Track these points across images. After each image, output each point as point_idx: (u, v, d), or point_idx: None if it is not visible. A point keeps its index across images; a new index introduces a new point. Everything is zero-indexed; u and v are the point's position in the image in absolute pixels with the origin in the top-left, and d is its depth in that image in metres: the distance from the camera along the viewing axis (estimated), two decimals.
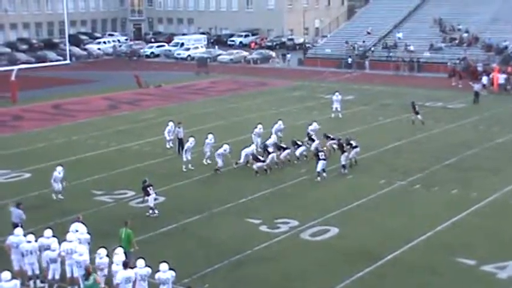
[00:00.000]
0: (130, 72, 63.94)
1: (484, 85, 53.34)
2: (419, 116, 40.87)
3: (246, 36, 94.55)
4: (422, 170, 31.10)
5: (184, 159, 31.71)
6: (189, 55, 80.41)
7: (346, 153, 30.99)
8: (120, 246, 19.47)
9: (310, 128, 35.74)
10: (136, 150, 35.92)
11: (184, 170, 31.50)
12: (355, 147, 31.88)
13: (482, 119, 43.09)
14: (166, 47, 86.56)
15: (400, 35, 73.24)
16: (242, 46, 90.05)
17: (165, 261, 17.64)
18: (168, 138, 35.82)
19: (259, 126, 35.42)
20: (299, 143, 33.09)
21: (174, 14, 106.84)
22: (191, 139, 32.28)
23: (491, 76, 55.32)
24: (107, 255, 18.73)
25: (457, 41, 69.46)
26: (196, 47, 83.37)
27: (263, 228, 24.08)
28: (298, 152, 32.67)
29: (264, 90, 57.21)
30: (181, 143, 34.29)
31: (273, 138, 34.08)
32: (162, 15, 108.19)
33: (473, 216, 25.22)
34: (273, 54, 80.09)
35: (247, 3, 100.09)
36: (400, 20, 77.55)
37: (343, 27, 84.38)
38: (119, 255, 18.61)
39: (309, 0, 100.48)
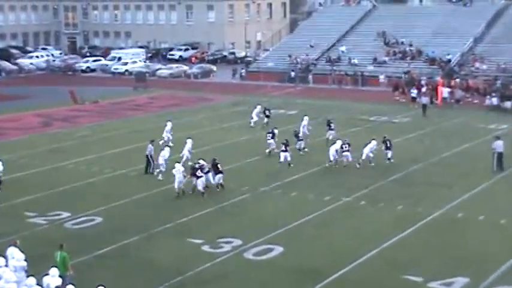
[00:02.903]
0: (65, 88, 63.06)
1: (414, 98, 54.75)
2: (266, 120, 45.30)
3: (186, 50, 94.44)
4: (368, 186, 31.49)
5: (160, 178, 31.93)
6: (126, 70, 79.81)
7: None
8: (55, 266, 19.01)
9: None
10: (72, 170, 35.39)
11: (161, 178, 31.99)
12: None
13: (427, 133, 43.97)
14: (103, 61, 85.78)
15: (343, 48, 74.33)
16: (182, 60, 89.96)
17: (101, 285, 17.33)
18: (169, 137, 39.02)
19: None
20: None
21: (111, 27, 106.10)
22: (167, 148, 33.76)
23: (424, 90, 56.47)
24: (38, 284, 18.21)
25: (400, 55, 70.91)
26: (135, 61, 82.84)
27: (205, 248, 23.97)
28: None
29: (205, 105, 57.20)
30: (150, 160, 33.86)
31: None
32: (98, 29, 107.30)
33: (420, 232, 25.62)
34: (214, 68, 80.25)
35: (187, 16, 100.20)
36: (343, 33, 78.75)
37: (285, 40, 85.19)
38: (54, 277, 18.18)
39: (250, 13, 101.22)
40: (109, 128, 46.76)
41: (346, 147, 35.47)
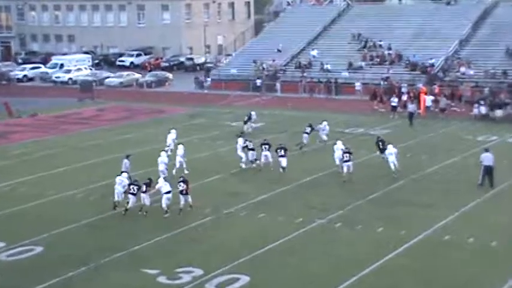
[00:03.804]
0: None
1: (394, 107, 55.37)
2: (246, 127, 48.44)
3: (137, 55, 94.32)
4: (344, 206, 31.63)
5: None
6: (70, 78, 79.48)
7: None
8: None
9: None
10: (8, 192, 35.00)
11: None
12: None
13: (410, 147, 44.30)
14: (43, 68, 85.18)
15: (314, 52, 74.81)
16: (133, 67, 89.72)
17: None
18: (172, 146, 40.59)
19: (324, 123, 44.34)
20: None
21: (52, 30, 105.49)
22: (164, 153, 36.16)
23: (405, 98, 57.15)
24: None
25: (378, 59, 71.54)
26: (79, 69, 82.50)
27: (161, 279, 23.81)
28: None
29: (160, 118, 57.08)
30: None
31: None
32: (37, 32, 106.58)
33: (402, 257, 25.74)
34: (170, 76, 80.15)
35: (138, 18, 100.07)
36: (314, 35, 79.29)
37: (250, 44, 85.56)
38: None
39: (210, 14, 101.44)
40: (50, 144, 46.35)
41: (347, 157, 35.89)
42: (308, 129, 43.49)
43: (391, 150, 36.96)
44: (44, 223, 29.71)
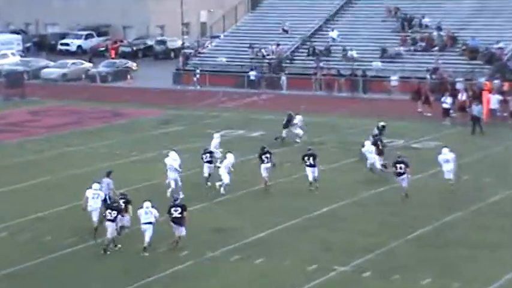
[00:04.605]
0: None
1: (447, 110, 55.20)
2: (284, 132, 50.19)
3: (88, 37, 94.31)
4: (375, 248, 31.49)
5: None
6: None
7: None
8: None
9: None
10: None
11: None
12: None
13: (468, 165, 44.06)
14: None
15: (334, 34, 74.78)
16: (82, 53, 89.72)
17: None
18: (219, 155, 42.46)
19: (298, 117, 49.14)
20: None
21: None
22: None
23: (464, 98, 57.01)
24: None
25: (423, 44, 71.50)
26: (4, 55, 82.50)
27: None
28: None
29: (119, 124, 57.07)
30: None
31: None
32: None
33: None
34: (134, 65, 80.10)
35: None
36: (334, 10, 79.34)
37: (244, 22, 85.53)
38: None
39: None
40: None
41: (401, 168, 36.31)
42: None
43: (447, 156, 37.09)
44: None
